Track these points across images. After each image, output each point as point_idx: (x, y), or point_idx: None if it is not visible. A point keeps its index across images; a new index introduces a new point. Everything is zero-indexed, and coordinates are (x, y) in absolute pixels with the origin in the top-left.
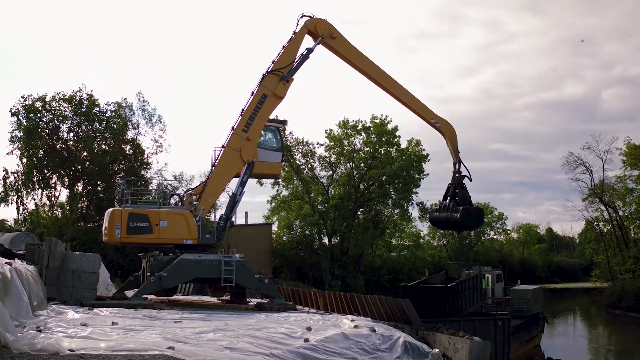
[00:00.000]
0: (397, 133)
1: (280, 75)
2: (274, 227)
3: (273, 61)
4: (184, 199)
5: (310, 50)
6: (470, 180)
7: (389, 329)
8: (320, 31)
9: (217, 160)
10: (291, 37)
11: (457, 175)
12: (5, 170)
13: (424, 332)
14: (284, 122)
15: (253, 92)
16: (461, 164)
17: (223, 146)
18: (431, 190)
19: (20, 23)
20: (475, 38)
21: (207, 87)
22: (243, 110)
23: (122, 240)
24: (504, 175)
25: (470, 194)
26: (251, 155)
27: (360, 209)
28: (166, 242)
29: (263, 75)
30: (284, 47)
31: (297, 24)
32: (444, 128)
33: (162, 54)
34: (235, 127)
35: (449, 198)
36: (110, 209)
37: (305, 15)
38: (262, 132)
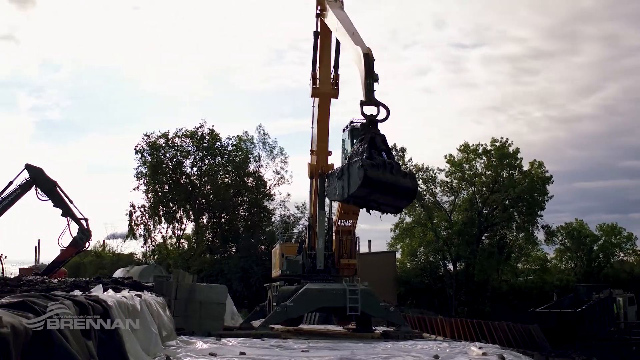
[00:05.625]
0: (519, 155)
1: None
2: (398, 255)
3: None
4: None
5: (316, 33)
6: (385, 119)
7: (518, 356)
8: (319, 8)
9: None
10: None
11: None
12: (132, 205)
13: (555, 358)
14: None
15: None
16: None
17: None
18: (557, 212)
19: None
20: (594, 54)
21: None
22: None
23: (274, 276)
24: (635, 194)
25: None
26: (310, 168)
27: (485, 234)
28: (278, 276)
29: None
30: None
31: None
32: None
33: (287, 84)
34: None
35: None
36: None
37: None
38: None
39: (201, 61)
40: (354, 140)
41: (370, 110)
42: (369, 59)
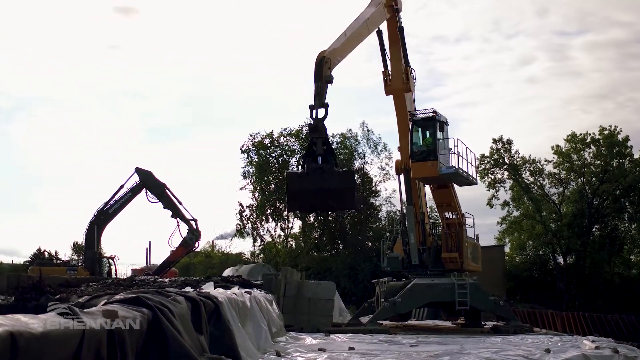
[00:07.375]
0: (629, 143)
1: None
2: (506, 249)
3: None
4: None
5: (379, 32)
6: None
7: (633, 350)
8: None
9: None
10: None
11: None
12: (240, 204)
13: None
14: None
15: None
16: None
17: None
18: None
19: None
20: None
21: None
22: None
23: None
24: None
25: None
26: (397, 164)
27: (595, 226)
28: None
29: None
30: None
31: None
32: None
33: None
34: None
35: None
36: None
37: None
38: None
39: (302, 60)
40: (414, 133)
41: (317, 113)
42: (320, 63)
